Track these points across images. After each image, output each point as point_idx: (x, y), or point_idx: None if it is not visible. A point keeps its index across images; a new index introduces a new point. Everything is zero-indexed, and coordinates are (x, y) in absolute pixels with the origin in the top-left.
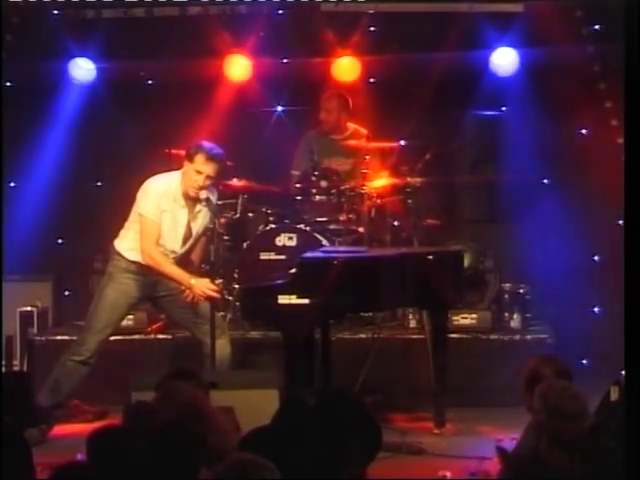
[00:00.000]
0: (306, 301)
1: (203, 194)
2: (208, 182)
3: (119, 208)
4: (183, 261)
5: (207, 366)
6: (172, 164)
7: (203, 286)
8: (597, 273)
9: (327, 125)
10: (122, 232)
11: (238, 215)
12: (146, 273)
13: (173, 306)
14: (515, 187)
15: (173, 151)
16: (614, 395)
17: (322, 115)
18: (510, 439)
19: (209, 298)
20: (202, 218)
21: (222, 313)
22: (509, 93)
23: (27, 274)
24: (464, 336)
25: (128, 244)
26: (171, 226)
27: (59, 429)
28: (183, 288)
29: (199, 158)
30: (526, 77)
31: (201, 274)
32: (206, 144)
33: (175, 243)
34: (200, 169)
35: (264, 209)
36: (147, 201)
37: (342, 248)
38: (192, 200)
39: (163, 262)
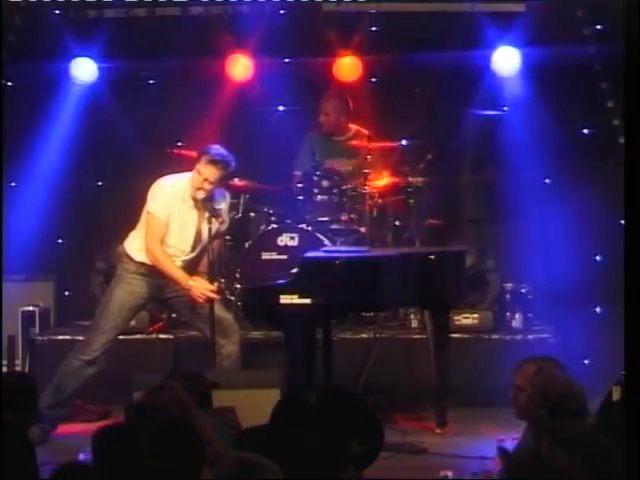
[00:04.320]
0: (308, 301)
1: (200, 194)
2: (206, 185)
3: (120, 208)
4: (192, 264)
5: (214, 365)
6: (173, 164)
7: (202, 287)
8: (599, 273)
9: (327, 127)
10: (133, 233)
11: (240, 215)
12: (154, 275)
13: (181, 307)
14: (516, 187)
15: (175, 151)
16: (616, 395)
17: (321, 117)
18: (512, 439)
19: (208, 299)
20: (213, 224)
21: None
22: (510, 93)
23: (29, 274)
24: (466, 336)
25: (137, 245)
26: (180, 227)
27: (62, 428)
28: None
29: (203, 159)
30: (528, 77)
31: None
32: (214, 148)
33: (185, 244)
34: (201, 170)
35: (266, 209)
36: (155, 199)
37: (344, 248)
38: (202, 202)
39: (165, 261)
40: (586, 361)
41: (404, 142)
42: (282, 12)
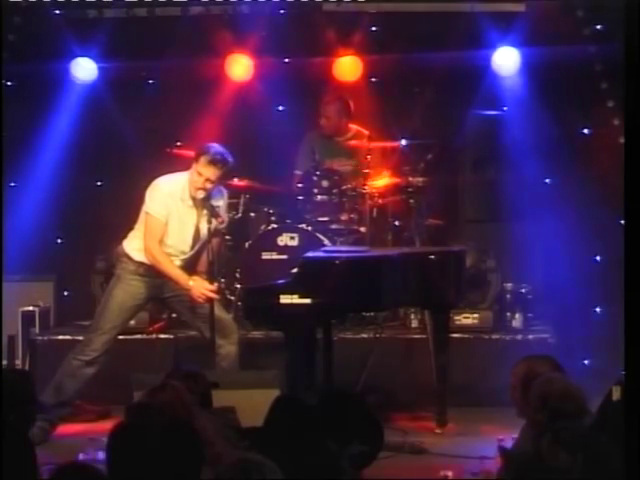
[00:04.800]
0: (308, 301)
1: (200, 194)
2: (208, 185)
3: (120, 208)
4: (191, 263)
5: (213, 365)
6: (173, 164)
7: (202, 287)
8: (599, 273)
9: (328, 130)
10: (131, 233)
11: (240, 215)
12: (153, 275)
13: (181, 306)
14: (517, 187)
15: (174, 151)
16: (616, 395)
17: (322, 120)
18: (512, 439)
19: (207, 300)
20: (212, 220)
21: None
22: (511, 92)
23: (29, 274)
24: (466, 336)
25: (136, 244)
26: (179, 226)
27: (62, 428)
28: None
29: (202, 160)
30: (528, 77)
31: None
32: (213, 147)
33: (184, 244)
34: (201, 171)
35: (266, 209)
36: (153, 199)
37: (344, 248)
38: (199, 201)
39: (164, 261)
40: (586, 361)
41: (404, 142)
42: (282, 12)
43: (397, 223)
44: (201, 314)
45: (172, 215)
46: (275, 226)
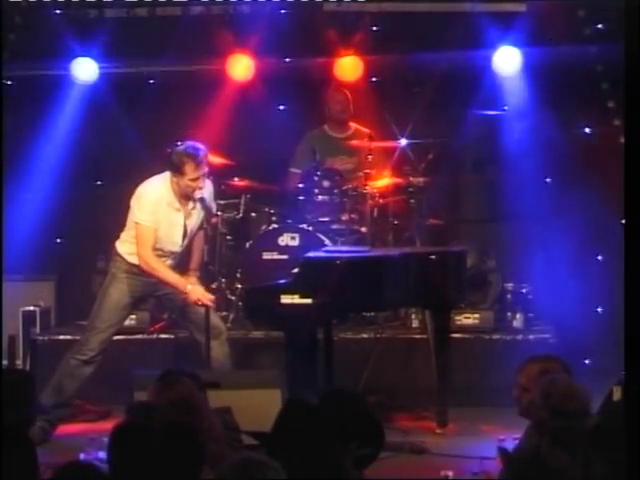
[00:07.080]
0: (308, 301)
1: (199, 193)
2: (205, 180)
3: (120, 208)
4: (182, 259)
5: (206, 366)
6: None
7: (199, 293)
8: (600, 272)
9: (333, 118)
10: (122, 235)
11: (241, 215)
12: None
13: (173, 305)
14: (517, 187)
15: None
16: (617, 395)
17: (328, 108)
18: (512, 439)
19: (203, 305)
20: (196, 215)
21: (224, 313)
22: (511, 93)
23: (29, 274)
24: (466, 336)
25: (128, 248)
26: (168, 230)
27: (62, 428)
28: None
29: (188, 168)
30: (528, 76)
31: (203, 274)
32: (189, 148)
33: (174, 245)
34: (194, 176)
35: (267, 209)
36: (141, 209)
37: (344, 248)
38: (186, 200)
39: (159, 268)
40: (587, 361)
41: (405, 142)
42: (283, 12)
43: (398, 223)
44: (191, 314)
45: (160, 220)
46: (276, 226)
